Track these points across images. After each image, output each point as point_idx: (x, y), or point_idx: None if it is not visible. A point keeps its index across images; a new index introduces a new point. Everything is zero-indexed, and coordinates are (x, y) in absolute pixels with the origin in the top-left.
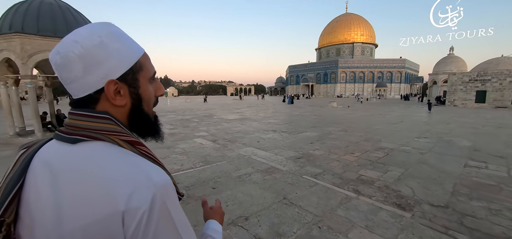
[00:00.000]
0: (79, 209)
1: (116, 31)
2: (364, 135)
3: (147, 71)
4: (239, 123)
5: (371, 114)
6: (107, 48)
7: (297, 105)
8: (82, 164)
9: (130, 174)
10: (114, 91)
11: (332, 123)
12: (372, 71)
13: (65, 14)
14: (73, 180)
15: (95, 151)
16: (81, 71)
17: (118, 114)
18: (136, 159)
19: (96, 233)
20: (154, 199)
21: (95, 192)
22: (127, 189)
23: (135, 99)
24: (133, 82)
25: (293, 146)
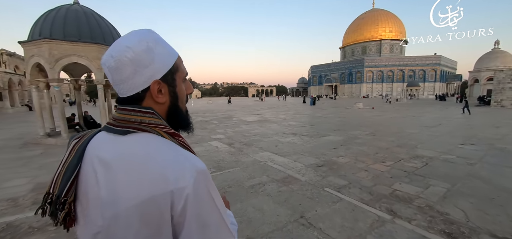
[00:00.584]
0: (134, 190)
1: (157, 37)
2: (396, 140)
3: (182, 72)
4: (258, 125)
5: (403, 116)
6: (152, 53)
7: (319, 106)
8: (134, 151)
9: (177, 159)
10: (157, 90)
11: (358, 125)
12: (402, 70)
13: (89, 20)
14: (127, 165)
15: (145, 140)
16: (132, 73)
17: (159, 110)
18: (178, 148)
19: (148, 210)
20: (197, 181)
21: (148, 174)
22: (176, 172)
23: (173, 96)
24: (171, 82)
25: (314, 152)
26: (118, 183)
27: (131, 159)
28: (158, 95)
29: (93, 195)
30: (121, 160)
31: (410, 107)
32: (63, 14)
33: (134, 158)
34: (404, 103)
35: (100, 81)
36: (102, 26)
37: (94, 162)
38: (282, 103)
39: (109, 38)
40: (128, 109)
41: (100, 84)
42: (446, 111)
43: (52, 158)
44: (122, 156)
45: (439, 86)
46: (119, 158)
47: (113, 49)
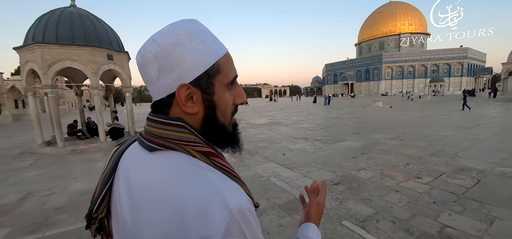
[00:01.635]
0: (152, 224)
1: (197, 28)
2: (429, 146)
3: (226, 75)
4: (266, 129)
5: (430, 116)
6: (182, 48)
7: (334, 106)
8: (156, 177)
9: (202, 195)
10: (186, 96)
11: (379, 127)
12: (425, 65)
13: (84, 22)
14: (147, 193)
15: (168, 163)
16: (156, 72)
17: (191, 121)
18: (210, 175)
19: None
20: (229, 228)
21: (165, 210)
22: (200, 213)
23: (208, 107)
24: (207, 88)
25: (328, 162)
26: (139, 213)
27: (151, 186)
28: (186, 104)
29: (120, 214)
30: (143, 185)
31: (436, 105)
32: (57, 17)
33: (154, 185)
34: (429, 101)
35: (95, 86)
36: (98, 28)
37: (121, 179)
38: (295, 104)
39: (105, 40)
40: (155, 120)
41: (95, 89)
42: (479, 108)
43: (37, 170)
44: (144, 180)
45: (467, 80)
46: (141, 182)
47: (143, 45)
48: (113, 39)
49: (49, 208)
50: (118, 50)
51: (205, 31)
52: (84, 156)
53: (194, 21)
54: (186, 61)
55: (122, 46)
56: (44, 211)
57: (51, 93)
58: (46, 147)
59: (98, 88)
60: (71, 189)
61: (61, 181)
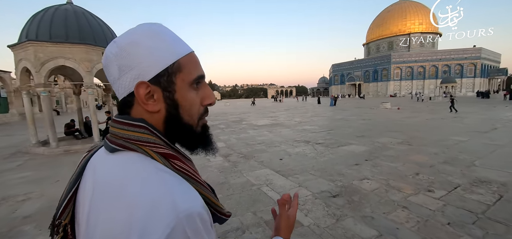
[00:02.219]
0: (104, 225)
1: (157, 29)
2: (441, 152)
3: (188, 74)
4: (267, 130)
5: (442, 118)
6: (141, 47)
7: (341, 107)
8: (112, 178)
9: (152, 196)
10: (145, 94)
11: (386, 130)
12: (435, 65)
13: (79, 19)
14: (102, 194)
15: (125, 164)
16: (117, 71)
17: (154, 121)
18: (165, 177)
19: None
20: (172, 234)
21: (116, 213)
22: (146, 216)
23: (171, 105)
24: (168, 86)
25: (328, 169)
26: (93, 215)
27: (107, 187)
28: (147, 102)
29: (82, 221)
30: (100, 185)
31: (447, 107)
32: (51, 15)
33: (109, 186)
34: (439, 102)
35: (89, 85)
36: (93, 25)
37: (86, 183)
38: (301, 105)
39: (100, 38)
40: (117, 121)
41: (89, 88)
42: (495, 111)
43: (24, 172)
44: (102, 180)
45: (480, 82)
46: (100, 183)
47: (108, 45)
48: (109, 37)
49: (17, 217)
50: None
51: (166, 32)
52: (76, 157)
53: (157, 24)
54: (145, 59)
55: None
56: (11, 220)
57: (44, 92)
58: (40, 147)
59: (92, 87)
60: (49, 193)
61: (42, 185)
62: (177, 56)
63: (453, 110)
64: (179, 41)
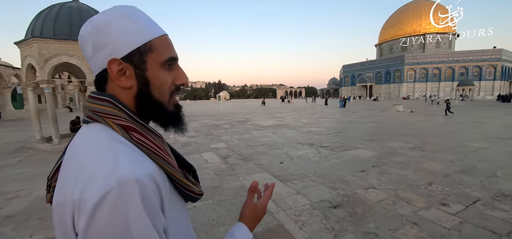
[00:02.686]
0: (58, 188)
1: (131, 12)
2: (458, 160)
3: (159, 54)
4: (271, 131)
5: (459, 122)
6: (114, 27)
7: (350, 109)
8: (75, 145)
9: (98, 161)
10: (118, 71)
11: (397, 134)
12: (452, 67)
13: (83, 16)
14: (66, 160)
15: (87, 132)
16: (91, 49)
17: (126, 96)
18: (117, 145)
19: (60, 216)
20: (106, 195)
21: (70, 174)
22: (87, 177)
23: (141, 82)
24: (139, 64)
25: (331, 175)
26: (60, 177)
27: (71, 154)
28: (119, 78)
29: None
30: (68, 152)
31: (464, 111)
32: (56, 12)
33: (72, 153)
34: (456, 105)
35: (92, 82)
36: None
37: (68, 150)
38: (309, 106)
39: None
40: (90, 96)
41: (92, 85)
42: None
43: (22, 168)
44: (70, 148)
45: (500, 85)
46: (69, 150)
47: (83, 25)
48: None
49: (0, 216)
50: None
51: (140, 15)
52: None
53: (131, 6)
54: (117, 38)
55: None
56: None
57: (47, 89)
58: (44, 143)
59: (92, 85)
60: (37, 192)
61: (33, 182)
62: (149, 37)
63: (448, 114)
64: (153, 24)
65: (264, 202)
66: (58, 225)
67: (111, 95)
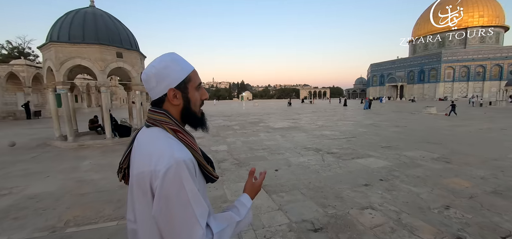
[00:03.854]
0: (137, 164)
1: (176, 57)
2: (491, 176)
3: (194, 82)
4: (280, 134)
5: (502, 129)
6: (169, 69)
7: (376, 110)
8: (145, 139)
9: (162, 148)
10: (172, 95)
11: (422, 141)
12: (500, 64)
13: (97, 21)
14: (140, 147)
15: (153, 132)
16: (155, 83)
17: (174, 111)
18: (171, 141)
19: (139, 179)
20: (170, 167)
21: (145, 155)
22: (158, 157)
23: (185, 101)
24: (184, 89)
25: (326, 189)
26: (136, 158)
27: (143, 144)
28: (173, 99)
29: (131, 163)
30: (141, 143)
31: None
32: (72, 17)
33: (144, 143)
34: (503, 108)
35: (103, 83)
36: (109, 26)
37: (136, 143)
38: (331, 107)
39: (115, 39)
40: (151, 110)
41: (103, 86)
42: None
43: (32, 163)
44: (142, 141)
45: None
46: (140, 142)
47: (147, 68)
48: (124, 37)
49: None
50: (129, 48)
51: (180, 58)
52: (84, 152)
53: (173, 53)
54: (171, 75)
55: (135, 44)
56: None
57: (63, 90)
58: (62, 140)
59: (105, 85)
60: (27, 191)
61: (32, 179)
62: (187, 72)
63: (452, 114)
64: (188, 63)
65: (259, 181)
66: (138, 187)
67: (165, 109)
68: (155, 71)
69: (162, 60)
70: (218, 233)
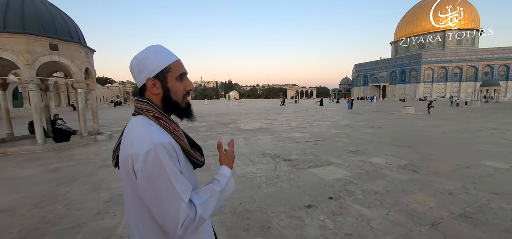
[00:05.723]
0: (122, 148)
1: (158, 48)
2: (462, 191)
3: (175, 72)
4: (244, 137)
5: (477, 129)
6: (149, 60)
7: (358, 110)
8: (130, 126)
9: (143, 134)
10: (151, 84)
11: (393, 144)
12: (475, 66)
13: (25, 6)
14: (125, 134)
15: (136, 120)
16: (137, 73)
17: (155, 100)
18: (152, 127)
19: (124, 162)
20: (149, 150)
21: (128, 140)
22: (138, 141)
23: (165, 90)
24: (163, 79)
25: (256, 213)
26: (122, 143)
27: (127, 131)
28: (152, 89)
29: None
30: (126, 131)
31: (487, 114)
32: None
33: (128, 130)
34: (477, 108)
35: (29, 80)
36: (42, 14)
37: (124, 130)
38: (314, 107)
39: (49, 28)
40: (137, 99)
41: (29, 83)
42: None
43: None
44: (127, 128)
45: None
46: (126, 130)
47: (132, 59)
48: (61, 27)
49: None
50: (67, 40)
51: (163, 49)
52: (4, 162)
53: (158, 45)
54: (151, 65)
55: (77, 35)
56: None
57: None
58: None
59: (32, 82)
60: None
61: None
62: (167, 63)
63: (430, 113)
64: (170, 54)
65: (230, 149)
66: (123, 169)
67: (147, 98)
68: (137, 61)
69: (144, 52)
70: (200, 204)
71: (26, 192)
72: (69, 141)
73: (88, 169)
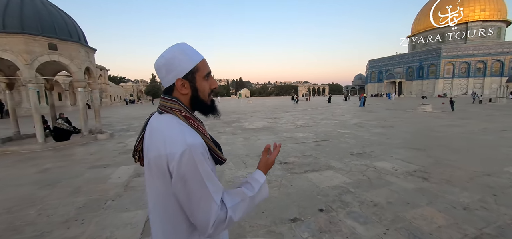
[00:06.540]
0: (153, 147)
1: (184, 47)
2: (480, 205)
3: (202, 72)
4: (244, 137)
5: (501, 128)
6: (177, 59)
7: (370, 108)
8: (159, 125)
9: (175, 134)
10: (180, 84)
11: (403, 145)
12: (501, 60)
13: (24, 6)
14: (155, 132)
15: (166, 119)
16: (165, 73)
17: (184, 99)
18: (183, 127)
19: (157, 161)
20: (184, 151)
21: (160, 140)
22: (172, 141)
23: (193, 89)
24: (192, 79)
25: (232, 228)
26: (150, 142)
27: (157, 129)
28: (181, 89)
29: (145, 146)
30: (154, 129)
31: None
32: None
33: (158, 129)
34: (503, 106)
35: (28, 80)
36: (41, 14)
37: (148, 128)
38: (324, 104)
39: (48, 28)
40: (163, 98)
41: (28, 83)
42: None
43: None
44: (155, 126)
45: None
46: (154, 128)
47: (157, 58)
48: (60, 26)
49: None
50: (66, 39)
51: (189, 48)
52: (3, 161)
53: (183, 43)
54: (179, 66)
55: (77, 35)
56: None
57: None
58: None
59: (31, 82)
60: None
61: None
62: (195, 62)
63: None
64: (196, 53)
65: (273, 156)
66: (156, 168)
67: (176, 98)
68: (165, 61)
69: (171, 51)
70: (231, 207)
71: (7, 194)
72: (69, 140)
73: (76, 170)
